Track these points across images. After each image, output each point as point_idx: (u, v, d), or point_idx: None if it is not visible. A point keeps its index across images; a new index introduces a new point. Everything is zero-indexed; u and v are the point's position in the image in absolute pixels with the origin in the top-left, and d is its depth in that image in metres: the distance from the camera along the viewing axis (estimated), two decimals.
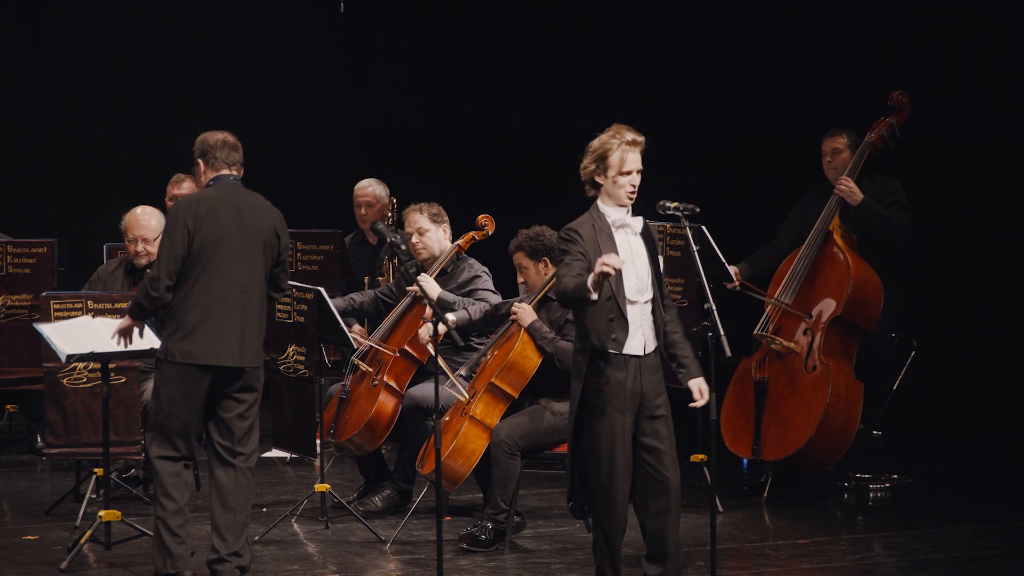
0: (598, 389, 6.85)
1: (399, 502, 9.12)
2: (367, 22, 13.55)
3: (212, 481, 7.51)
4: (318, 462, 9.38)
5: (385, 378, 9.08)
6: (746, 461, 10.01)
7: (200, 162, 7.62)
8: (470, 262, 9.32)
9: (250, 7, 13.68)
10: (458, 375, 8.63)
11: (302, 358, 8.88)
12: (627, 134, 6.88)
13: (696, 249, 7.30)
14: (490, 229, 9.38)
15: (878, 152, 9.83)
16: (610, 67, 12.90)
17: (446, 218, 9.35)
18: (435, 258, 9.30)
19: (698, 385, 7.02)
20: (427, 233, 9.31)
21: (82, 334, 8.09)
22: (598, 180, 6.90)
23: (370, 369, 9.18)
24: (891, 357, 10.00)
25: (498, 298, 9.11)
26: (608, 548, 6.92)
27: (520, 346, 8.40)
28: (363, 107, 13.68)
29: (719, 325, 6.96)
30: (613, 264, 6.59)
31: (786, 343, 9.52)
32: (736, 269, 9.62)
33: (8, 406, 11.52)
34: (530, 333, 8.39)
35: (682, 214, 7.16)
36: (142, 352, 7.91)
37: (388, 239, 8.42)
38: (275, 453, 10.68)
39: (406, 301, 9.28)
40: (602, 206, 6.92)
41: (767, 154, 12.27)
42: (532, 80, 13.20)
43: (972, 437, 11.56)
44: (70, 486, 9.45)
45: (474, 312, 8.81)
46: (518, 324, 8.49)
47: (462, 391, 8.53)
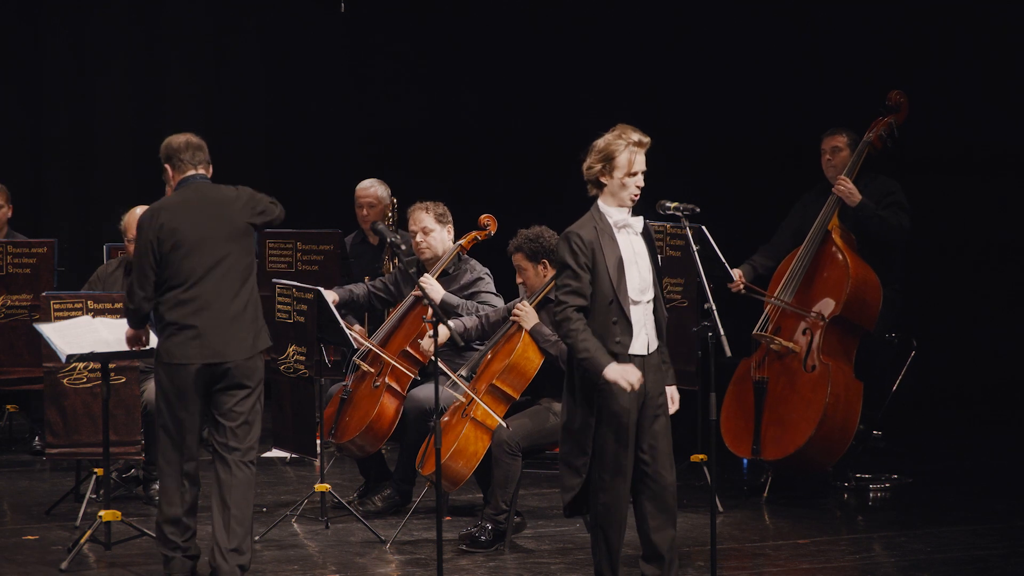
0: (602, 389, 6.83)
1: (399, 502, 9.12)
2: (367, 22, 13.55)
3: (213, 478, 7.53)
4: (318, 462, 9.38)
5: (387, 380, 9.08)
6: (746, 461, 10.01)
7: (167, 167, 7.68)
8: (472, 264, 9.32)
9: (250, 7, 13.68)
10: (459, 375, 8.62)
11: (302, 358, 8.88)
12: (634, 135, 6.86)
13: (696, 249, 7.30)
14: (492, 229, 9.37)
15: (877, 152, 9.83)
16: (611, 67, 12.90)
17: (451, 218, 9.35)
18: (437, 258, 9.30)
19: (671, 393, 7.02)
20: (432, 233, 9.30)
21: (82, 334, 8.10)
22: (603, 180, 6.88)
23: (371, 370, 9.17)
24: (891, 357, 10.00)
25: (500, 301, 9.11)
26: (607, 548, 6.92)
27: (521, 347, 8.40)
28: (363, 107, 13.68)
29: (719, 325, 6.96)
30: (632, 384, 6.72)
31: (785, 343, 9.52)
32: (739, 272, 9.62)
33: (8, 406, 11.53)
34: (533, 336, 8.39)
35: (682, 214, 7.15)
36: (142, 352, 7.91)
37: (388, 239, 8.41)
38: (275, 453, 10.68)
39: (408, 302, 9.28)
40: (603, 206, 6.91)
41: (767, 154, 12.27)
42: (532, 80, 13.20)
43: (972, 437, 11.57)
44: (70, 486, 9.46)
45: (473, 324, 8.79)
46: (519, 325, 8.49)
47: (464, 390, 8.52)
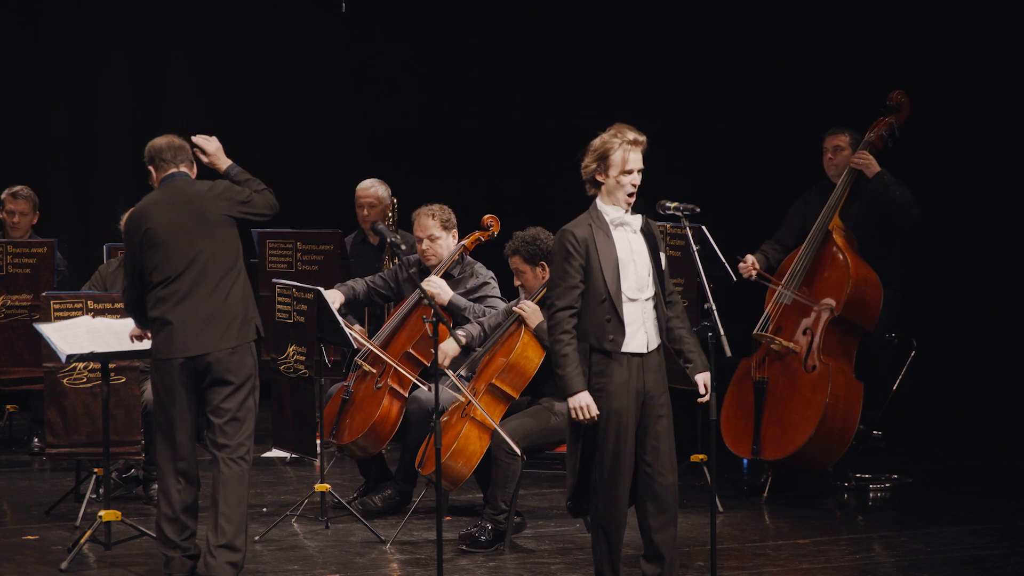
0: (601, 388, 6.85)
1: (399, 502, 9.12)
2: (368, 22, 13.55)
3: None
4: (318, 462, 9.38)
5: (389, 382, 9.08)
6: (746, 461, 10.00)
7: (151, 169, 7.73)
8: (476, 267, 9.31)
9: (250, 7, 13.67)
10: (458, 375, 8.62)
11: (302, 358, 8.88)
12: (629, 133, 6.88)
13: (696, 249, 7.30)
14: (495, 230, 9.37)
15: (877, 151, 9.84)
16: (611, 66, 12.91)
17: (455, 222, 9.35)
18: (442, 262, 9.31)
19: (703, 380, 7.02)
20: (438, 240, 9.29)
21: (82, 334, 8.10)
22: (599, 179, 6.91)
23: (373, 370, 9.17)
24: (891, 357, 10.00)
25: (505, 304, 9.11)
26: (608, 547, 6.92)
27: (520, 347, 8.40)
28: (364, 107, 13.68)
29: (719, 325, 6.96)
30: (587, 419, 6.79)
31: (786, 343, 9.52)
32: (754, 259, 9.62)
33: (8, 406, 11.53)
34: (537, 334, 8.38)
35: (682, 214, 7.16)
36: (142, 352, 7.92)
37: (389, 239, 8.42)
38: (275, 453, 10.68)
39: (409, 303, 9.26)
40: (601, 205, 6.93)
41: (767, 154, 12.27)
42: (532, 80, 13.21)
43: (972, 437, 11.57)
44: (70, 486, 9.46)
45: (477, 331, 8.79)
46: (518, 324, 8.49)
47: (464, 392, 8.52)
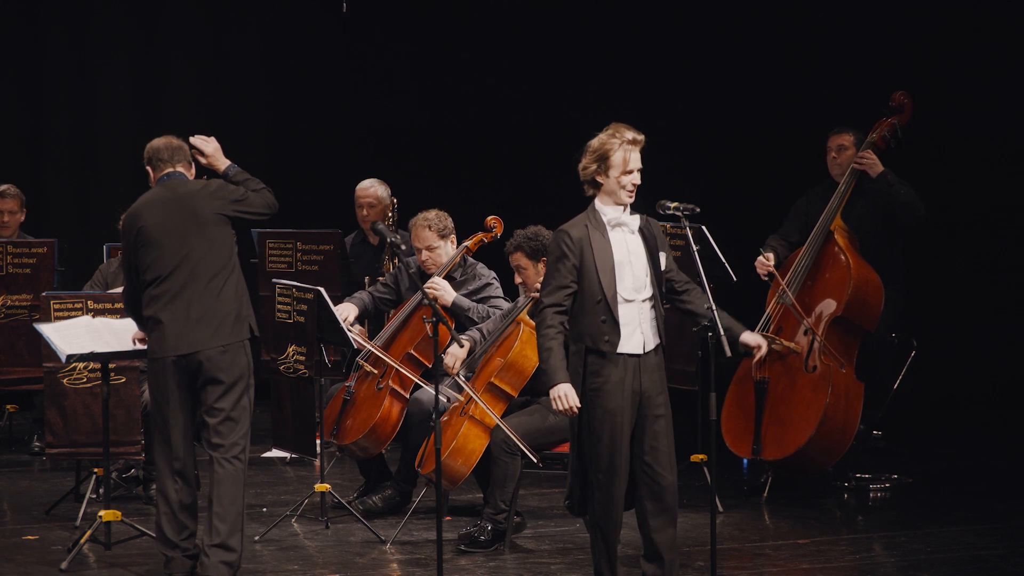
0: (597, 388, 6.85)
1: (399, 502, 9.12)
2: (368, 22, 13.55)
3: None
4: (318, 462, 9.38)
5: (390, 383, 9.07)
6: (746, 461, 10.00)
7: (148, 169, 7.76)
8: (478, 268, 9.31)
9: (250, 7, 13.67)
10: (458, 375, 8.62)
11: (302, 358, 8.88)
12: (627, 133, 6.89)
13: (696, 249, 7.30)
14: (499, 231, 9.37)
15: (880, 152, 9.84)
16: (611, 66, 12.90)
17: (452, 228, 9.34)
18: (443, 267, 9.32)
19: (753, 340, 7.04)
20: (436, 249, 9.30)
21: (82, 334, 8.10)
22: (599, 179, 6.91)
23: (375, 371, 9.16)
24: (892, 357, 10.00)
25: (508, 305, 9.11)
26: (605, 546, 6.93)
27: (519, 345, 8.40)
28: (363, 107, 13.67)
29: (719, 325, 6.96)
30: (567, 409, 6.81)
31: (787, 343, 9.52)
32: (771, 255, 9.61)
33: (8, 406, 11.53)
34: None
35: (682, 214, 7.15)
36: (142, 352, 7.91)
37: (389, 239, 8.40)
38: (275, 453, 10.68)
39: (411, 305, 9.26)
40: (599, 205, 6.93)
41: (768, 154, 12.27)
42: (533, 79, 13.20)
43: (972, 437, 11.57)
44: (70, 486, 9.45)
45: (479, 337, 8.79)
46: (516, 323, 8.50)
47: (469, 391, 8.52)
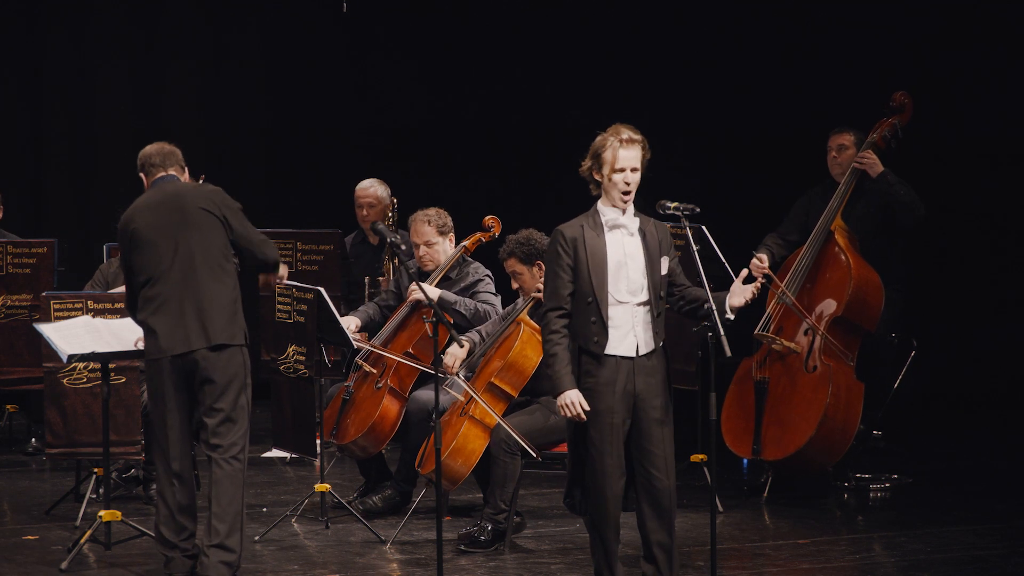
0: (588, 389, 6.86)
1: (399, 502, 9.12)
2: (368, 22, 13.55)
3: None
4: (318, 462, 9.38)
5: (389, 382, 9.08)
6: (746, 461, 10.00)
7: (142, 176, 7.78)
8: (474, 266, 9.31)
9: (250, 6, 13.67)
10: (458, 374, 8.62)
11: (302, 358, 8.88)
12: (623, 132, 6.90)
13: (696, 249, 7.29)
14: (496, 231, 9.37)
15: (880, 152, 9.84)
16: (612, 65, 12.90)
17: (452, 226, 9.35)
18: (440, 267, 9.31)
19: (739, 299, 6.98)
20: (434, 246, 9.31)
21: (82, 334, 8.10)
22: (596, 178, 6.93)
23: (373, 371, 9.17)
24: (891, 357, 10.00)
25: (498, 301, 9.11)
26: (603, 546, 6.93)
27: (519, 345, 8.41)
28: (363, 107, 13.67)
29: (719, 325, 6.95)
30: (575, 415, 6.82)
31: (787, 343, 9.52)
32: (764, 256, 9.60)
33: (8, 406, 11.52)
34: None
35: (682, 214, 7.15)
36: (141, 352, 7.91)
37: (388, 239, 8.41)
38: (275, 453, 10.68)
39: (409, 304, 9.26)
40: (600, 205, 6.94)
41: (769, 153, 12.27)
42: (533, 79, 13.20)
43: (972, 437, 11.57)
44: (70, 486, 9.45)
45: (478, 339, 8.79)
46: (517, 324, 8.50)
47: (469, 390, 8.52)
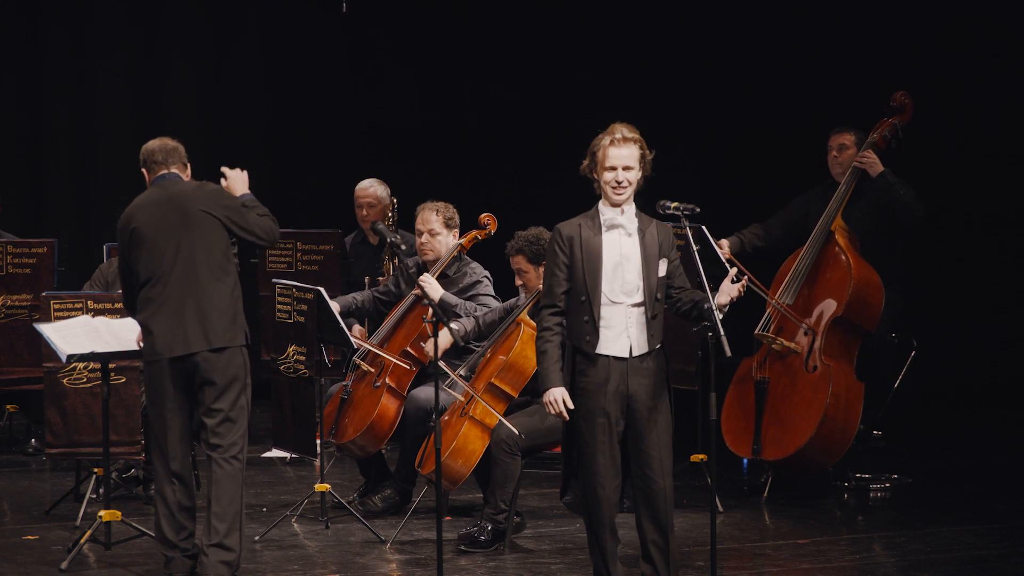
0: (581, 388, 6.87)
1: (399, 502, 9.12)
2: (368, 22, 13.55)
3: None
4: (318, 462, 9.38)
5: (387, 380, 9.08)
6: (746, 461, 10.00)
7: (144, 171, 7.77)
8: (472, 266, 9.31)
9: (250, 7, 13.67)
10: (458, 374, 8.62)
11: (302, 358, 8.88)
12: (617, 131, 6.89)
13: (696, 249, 7.29)
14: (492, 228, 9.37)
15: (880, 152, 9.84)
16: (613, 65, 12.90)
17: (458, 222, 9.35)
18: (439, 259, 9.30)
19: (726, 297, 6.94)
20: (437, 236, 9.30)
21: (82, 334, 8.09)
22: (594, 176, 6.94)
23: (372, 370, 9.17)
24: (891, 357, 10.00)
25: (498, 303, 9.11)
26: (599, 546, 6.93)
27: (519, 346, 8.41)
28: (364, 107, 13.67)
29: (719, 325, 6.95)
30: (559, 410, 6.85)
31: (787, 343, 9.52)
32: (727, 242, 9.63)
33: (8, 406, 11.53)
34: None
35: (682, 214, 7.15)
36: (141, 352, 7.91)
37: (389, 239, 8.42)
38: (275, 453, 10.68)
39: (407, 302, 9.27)
40: (600, 205, 6.94)
41: (769, 154, 12.27)
42: (533, 79, 13.20)
43: (972, 437, 11.57)
44: (70, 486, 9.46)
45: (471, 326, 8.80)
46: (517, 323, 8.50)
47: (464, 389, 8.52)
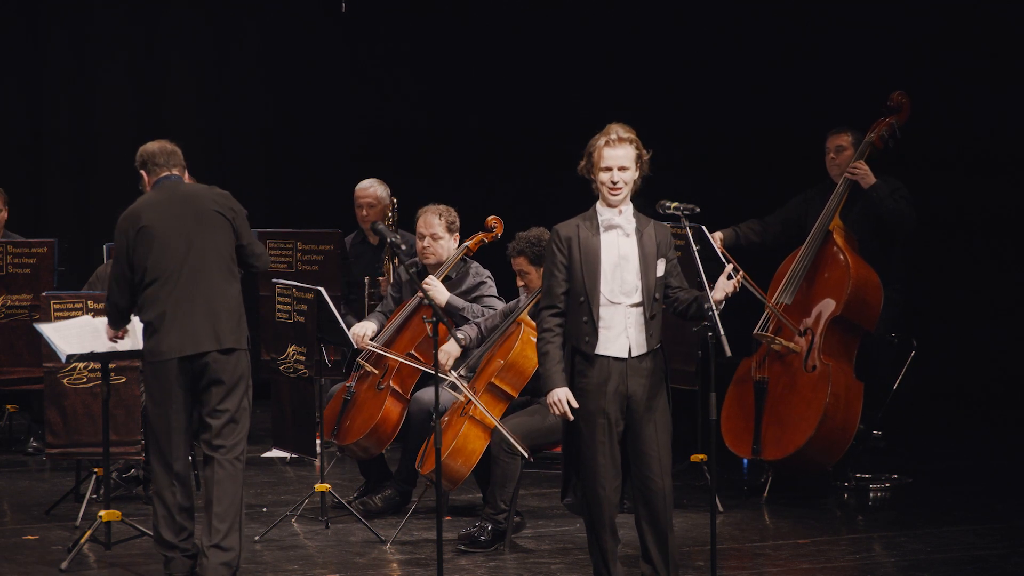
0: (580, 388, 6.87)
1: (399, 502, 9.12)
2: (368, 22, 13.55)
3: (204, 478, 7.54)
4: (318, 462, 9.38)
5: (391, 383, 9.08)
6: (746, 461, 10.00)
7: (143, 173, 7.76)
8: (475, 267, 9.32)
9: (251, 6, 13.67)
10: (458, 375, 8.62)
11: (302, 358, 8.88)
12: (612, 132, 6.90)
13: (696, 249, 7.29)
14: (499, 231, 9.37)
15: (878, 152, 9.85)
16: (613, 65, 12.90)
17: (459, 226, 9.35)
18: (441, 262, 9.30)
19: (721, 292, 6.95)
20: (440, 240, 9.30)
21: (82, 334, 8.10)
22: (591, 177, 6.94)
23: (375, 371, 9.16)
24: (891, 357, 10.00)
25: (502, 304, 9.11)
26: (599, 546, 6.94)
27: (520, 346, 8.41)
28: (364, 107, 13.68)
29: (719, 325, 6.95)
30: (563, 411, 6.85)
31: (786, 343, 9.52)
32: (720, 235, 9.63)
33: (8, 406, 11.53)
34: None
35: (682, 214, 7.15)
36: (141, 352, 7.91)
37: (389, 239, 8.40)
38: (275, 453, 10.68)
39: (411, 305, 9.26)
40: (598, 206, 6.95)
41: (768, 154, 12.27)
42: (533, 80, 13.20)
43: (972, 437, 11.57)
44: (70, 486, 9.45)
45: (475, 333, 8.79)
46: (517, 324, 8.51)
47: (465, 391, 8.52)
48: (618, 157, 6.87)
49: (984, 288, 12.27)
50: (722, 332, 6.94)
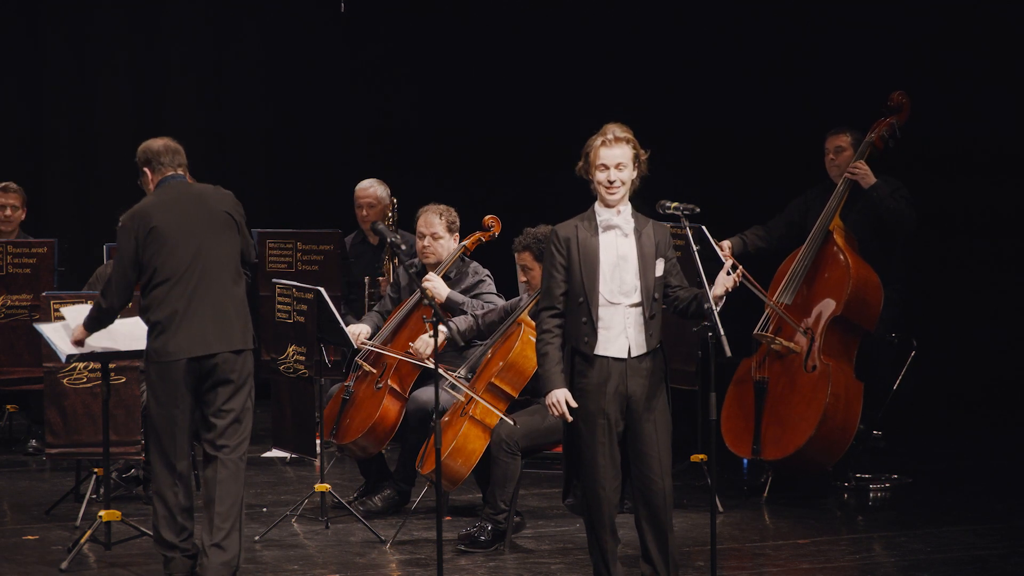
0: (580, 389, 6.87)
1: (399, 502, 9.12)
2: (367, 22, 13.55)
3: (205, 477, 7.53)
4: (318, 462, 9.38)
5: (389, 381, 9.08)
6: (746, 461, 10.00)
7: (146, 170, 7.70)
8: (473, 266, 9.32)
9: (251, 6, 13.68)
10: (458, 375, 8.62)
11: (302, 358, 8.88)
12: (608, 132, 6.89)
13: (696, 249, 7.29)
14: (496, 230, 9.38)
15: (878, 152, 9.85)
16: (612, 66, 12.90)
17: (459, 226, 9.35)
18: (440, 262, 9.31)
19: (720, 288, 6.96)
20: (440, 240, 9.30)
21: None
22: (589, 177, 6.94)
23: (373, 370, 9.17)
24: (891, 357, 10.00)
25: (501, 302, 9.11)
26: (599, 546, 6.94)
27: (520, 346, 8.41)
28: (363, 107, 13.68)
29: (719, 325, 6.95)
30: (561, 411, 6.85)
31: (786, 343, 9.52)
32: (728, 243, 9.63)
33: (8, 406, 11.53)
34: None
35: (682, 214, 7.15)
36: (142, 352, 7.90)
37: (389, 239, 8.40)
38: (275, 453, 10.68)
39: (410, 303, 9.26)
40: (596, 206, 6.95)
41: (768, 154, 12.27)
42: (533, 80, 13.20)
43: (972, 437, 11.57)
44: (70, 486, 9.45)
45: (468, 324, 8.79)
46: (517, 323, 8.51)
47: (465, 388, 8.52)
48: (614, 156, 6.87)
49: (984, 288, 12.27)
50: (722, 332, 6.94)
